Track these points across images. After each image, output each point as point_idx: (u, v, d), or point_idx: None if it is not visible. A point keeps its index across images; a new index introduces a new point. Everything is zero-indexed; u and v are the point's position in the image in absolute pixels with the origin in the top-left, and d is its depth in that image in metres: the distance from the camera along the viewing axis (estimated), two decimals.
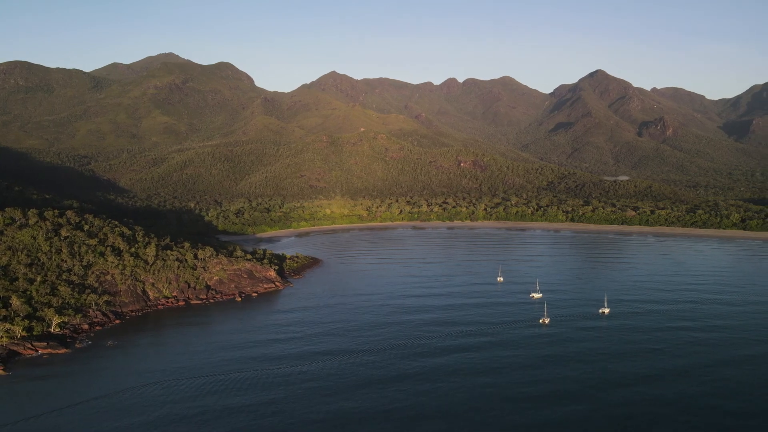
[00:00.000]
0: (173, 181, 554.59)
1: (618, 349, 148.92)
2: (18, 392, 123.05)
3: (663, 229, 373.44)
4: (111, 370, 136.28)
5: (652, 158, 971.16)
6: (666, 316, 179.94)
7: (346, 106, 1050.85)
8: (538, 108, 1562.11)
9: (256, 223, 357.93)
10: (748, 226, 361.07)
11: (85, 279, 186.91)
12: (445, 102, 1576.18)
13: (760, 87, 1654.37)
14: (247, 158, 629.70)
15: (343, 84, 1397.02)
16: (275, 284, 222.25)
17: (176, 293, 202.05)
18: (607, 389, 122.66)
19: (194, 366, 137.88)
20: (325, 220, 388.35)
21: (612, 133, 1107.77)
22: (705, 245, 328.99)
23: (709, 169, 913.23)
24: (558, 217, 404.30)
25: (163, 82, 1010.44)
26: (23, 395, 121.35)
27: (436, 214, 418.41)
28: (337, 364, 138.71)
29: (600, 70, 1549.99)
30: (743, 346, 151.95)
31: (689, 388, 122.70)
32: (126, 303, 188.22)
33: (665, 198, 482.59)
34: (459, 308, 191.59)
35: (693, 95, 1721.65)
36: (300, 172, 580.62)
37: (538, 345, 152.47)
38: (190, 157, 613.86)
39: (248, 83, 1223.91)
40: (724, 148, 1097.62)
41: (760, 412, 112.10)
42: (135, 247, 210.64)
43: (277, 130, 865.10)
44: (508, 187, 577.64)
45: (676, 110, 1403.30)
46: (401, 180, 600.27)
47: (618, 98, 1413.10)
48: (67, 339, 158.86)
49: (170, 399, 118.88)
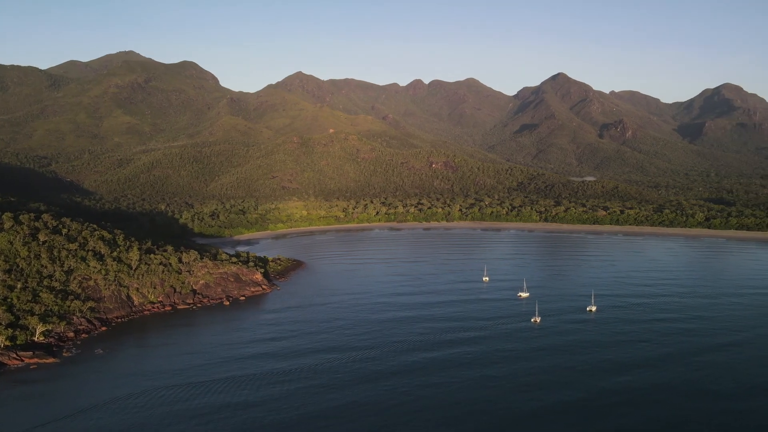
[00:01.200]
0: (141, 182, 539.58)
1: (609, 341, 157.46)
2: (8, 405, 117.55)
3: (632, 228, 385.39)
4: (105, 378, 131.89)
5: (614, 159, 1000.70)
6: (649, 310, 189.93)
7: (314, 107, 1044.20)
8: (502, 110, 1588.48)
9: (232, 226, 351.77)
10: (712, 224, 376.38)
11: (67, 285, 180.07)
12: (411, 103, 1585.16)
13: (711, 91, 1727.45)
14: (216, 159, 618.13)
15: (309, 84, 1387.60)
16: (262, 287, 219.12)
17: (162, 298, 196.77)
18: (605, 377, 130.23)
19: (192, 370, 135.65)
20: (302, 222, 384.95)
21: (575, 135, 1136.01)
22: (674, 243, 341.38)
23: (667, 170, 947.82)
24: (532, 217, 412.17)
25: (125, 81, 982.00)
26: (14, 408, 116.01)
27: (413, 215, 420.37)
28: (341, 361, 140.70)
29: (561, 73, 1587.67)
30: (723, 334, 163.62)
31: (679, 373, 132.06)
32: (111, 309, 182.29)
33: (631, 198, 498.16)
34: (449, 307, 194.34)
35: (649, 98, 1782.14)
36: (272, 173, 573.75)
37: (532, 341, 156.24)
38: (157, 158, 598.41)
39: (213, 83, 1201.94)
40: (679, 150, 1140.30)
41: (745, 391, 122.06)
42: (117, 251, 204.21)
43: (245, 130, 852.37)
44: (479, 187, 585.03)
45: (633, 113, 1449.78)
46: (374, 181, 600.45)
47: (579, 101, 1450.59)
48: (53, 348, 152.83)
49: (171, 404, 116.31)
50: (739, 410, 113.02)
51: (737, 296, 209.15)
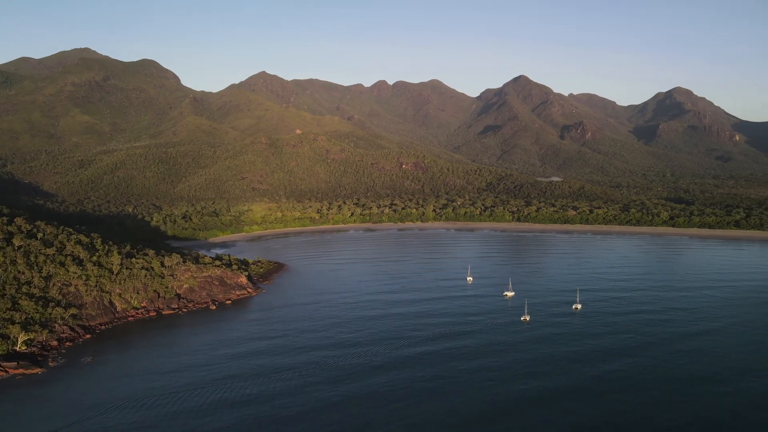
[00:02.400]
0: (104, 184, 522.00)
1: (597, 332, 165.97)
2: (2, 419, 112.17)
3: (602, 227, 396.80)
4: (97, 387, 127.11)
5: (575, 160, 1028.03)
6: (629, 303, 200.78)
7: (279, 107, 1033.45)
8: (465, 111, 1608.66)
9: (206, 228, 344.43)
10: (676, 223, 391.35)
11: (46, 291, 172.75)
12: (376, 104, 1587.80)
13: (663, 95, 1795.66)
14: (182, 160, 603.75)
15: (273, 84, 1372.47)
16: (247, 290, 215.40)
17: (145, 303, 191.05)
18: (596, 365, 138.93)
19: (189, 373, 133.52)
20: (277, 224, 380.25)
21: (537, 136, 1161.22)
22: (642, 241, 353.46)
23: (626, 171, 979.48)
24: (505, 217, 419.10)
25: (82, 79, 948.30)
26: (5, 423, 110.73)
27: (388, 216, 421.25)
28: (344, 357, 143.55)
29: (523, 76, 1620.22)
30: (700, 323, 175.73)
31: (662, 359, 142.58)
32: (93, 316, 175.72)
33: (597, 198, 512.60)
34: (437, 304, 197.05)
35: (605, 101, 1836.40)
36: (241, 174, 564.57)
37: (525, 335, 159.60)
38: (120, 158, 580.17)
39: (174, 82, 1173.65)
40: (636, 151, 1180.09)
41: (722, 374, 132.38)
42: (96, 255, 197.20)
43: (210, 130, 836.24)
44: (449, 188, 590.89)
45: (592, 115, 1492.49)
46: (344, 182, 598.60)
47: (540, 103, 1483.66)
48: (37, 357, 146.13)
49: (175, 410, 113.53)
50: (718, 392, 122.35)
51: (709, 289, 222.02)
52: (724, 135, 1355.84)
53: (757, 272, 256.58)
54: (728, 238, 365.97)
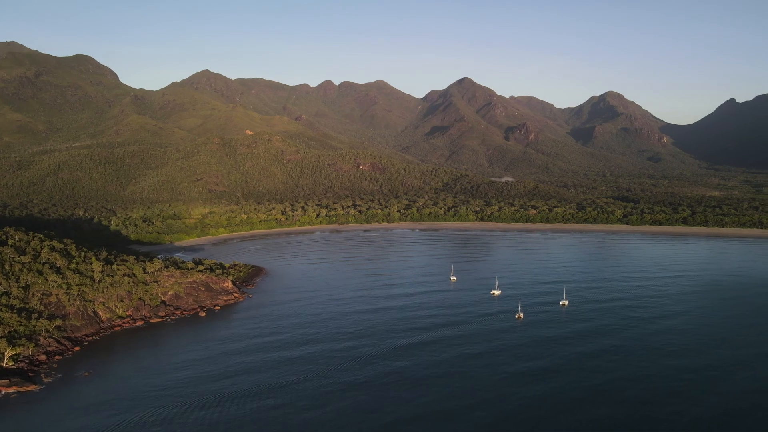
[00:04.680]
0: (47, 186, 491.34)
1: (588, 326, 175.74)
2: None
3: (561, 226, 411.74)
4: (106, 402, 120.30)
5: (521, 161, 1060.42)
6: (608, 294, 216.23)
7: (226, 107, 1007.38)
8: (411, 112, 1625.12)
9: (171, 231, 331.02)
10: (629, 220, 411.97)
11: (26, 302, 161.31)
12: (323, 104, 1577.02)
13: (597, 98, 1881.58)
14: (130, 161, 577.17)
15: (217, 83, 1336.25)
16: (234, 296, 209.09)
17: (131, 312, 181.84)
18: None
19: (198, 383, 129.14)
20: (243, 226, 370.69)
21: (484, 137, 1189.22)
22: (601, 238, 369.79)
23: (568, 171, 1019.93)
24: (469, 217, 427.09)
25: (11, 75, 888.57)
26: None
27: (353, 217, 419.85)
28: (351, 348, 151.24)
29: (467, 78, 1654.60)
30: (673, 304, 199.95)
31: (640, 338, 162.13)
32: (78, 327, 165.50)
33: (551, 197, 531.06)
34: (426, 304, 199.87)
35: (544, 104, 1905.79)
36: (195, 175, 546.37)
37: (522, 331, 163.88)
38: (62, 159, 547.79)
39: (112, 79, 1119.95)
40: (575, 152, 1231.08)
41: (691, 349, 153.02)
42: (74, 262, 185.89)
43: (155, 130, 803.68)
44: (407, 188, 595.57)
45: (533, 117, 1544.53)
46: (302, 183, 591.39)
47: (484, 104, 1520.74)
48: (29, 373, 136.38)
49: (204, 418, 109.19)
50: (686, 366, 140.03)
51: (673, 277, 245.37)
52: (654, 137, 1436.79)
53: (710, 263, 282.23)
54: (677, 234, 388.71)
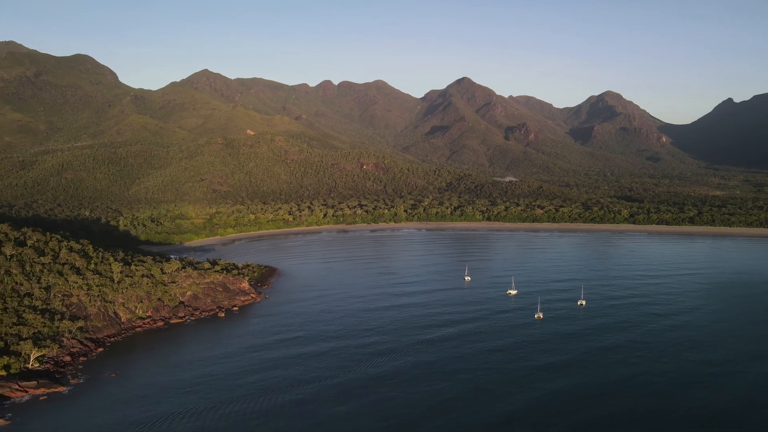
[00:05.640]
0: (51, 186, 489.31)
1: (606, 322, 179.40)
2: None
3: (568, 225, 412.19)
4: (137, 398, 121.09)
5: (522, 160, 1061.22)
6: (623, 292, 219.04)
7: (227, 107, 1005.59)
8: (411, 111, 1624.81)
9: (180, 232, 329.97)
10: (636, 220, 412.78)
11: (48, 303, 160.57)
12: (322, 104, 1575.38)
13: (596, 98, 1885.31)
14: (133, 161, 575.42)
15: (217, 83, 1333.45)
16: (251, 296, 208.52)
17: (150, 313, 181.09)
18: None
19: (236, 378, 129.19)
20: (251, 226, 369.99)
21: (484, 137, 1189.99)
22: (609, 238, 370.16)
23: (569, 170, 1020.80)
24: (475, 217, 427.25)
25: (11, 75, 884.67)
26: None
27: (360, 217, 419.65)
28: (375, 343, 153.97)
29: (466, 78, 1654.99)
30: (687, 301, 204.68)
31: (656, 334, 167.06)
32: (99, 328, 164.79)
33: (556, 197, 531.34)
34: (443, 305, 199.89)
35: (543, 103, 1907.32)
36: (199, 175, 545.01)
37: (544, 328, 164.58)
38: (65, 159, 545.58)
39: (112, 79, 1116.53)
40: (575, 152, 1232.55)
41: (705, 344, 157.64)
42: (93, 263, 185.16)
43: (156, 130, 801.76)
44: (411, 188, 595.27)
45: (532, 117, 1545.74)
46: (306, 183, 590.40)
47: (484, 104, 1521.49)
48: (55, 375, 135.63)
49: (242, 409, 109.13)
50: (706, 360, 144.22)
51: (686, 275, 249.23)
52: (653, 137, 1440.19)
53: (719, 261, 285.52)
54: (683, 233, 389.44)
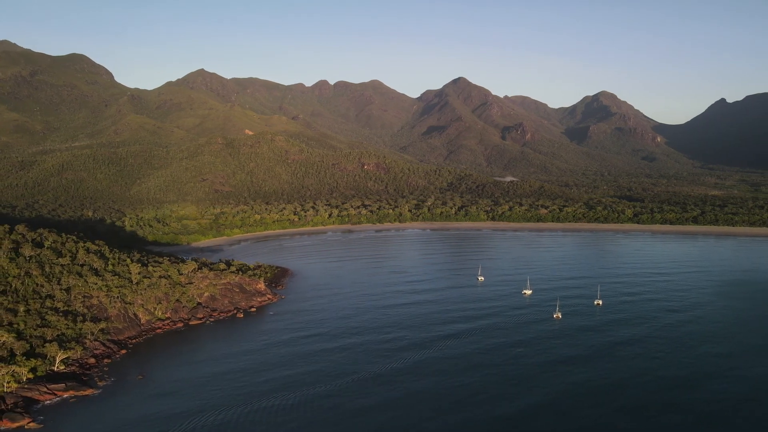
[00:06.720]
0: (52, 187, 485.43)
1: (619, 311, 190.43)
2: None
3: (572, 225, 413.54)
4: (169, 393, 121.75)
5: (519, 160, 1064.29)
6: (637, 289, 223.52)
7: (224, 106, 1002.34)
8: (407, 111, 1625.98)
9: (188, 232, 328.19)
10: (640, 220, 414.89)
11: (69, 305, 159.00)
12: (318, 104, 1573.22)
13: (591, 98, 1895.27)
14: (133, 161, 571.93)
15: (213, 83, 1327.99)
16: (268, 297, 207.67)
17: (169, 314, 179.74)
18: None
19: (255, 376, 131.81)
20: (257, 226, 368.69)
21: (481, 137, 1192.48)
22: (614, 237, 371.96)
23: (567, 170, 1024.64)
24: (480, 217, 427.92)
25: (7, 74, 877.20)
26: None
27: (366, 217, 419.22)
28: (397, 339, 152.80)
29: (462, 78, 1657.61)
30: (698, 297, 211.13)
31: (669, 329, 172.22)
32: (120, 329, 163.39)
33: (557, 197, 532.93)
34: (459, 304, 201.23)
35: (538, 103, 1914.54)
36: (200, 175, 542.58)
37: (572, 335, 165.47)
38: (65, 159, 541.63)
39: (108, 78, 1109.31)
40: (571, 152, 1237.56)
41: (723, 335, 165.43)
42: (111, 264, 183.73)
43: (154, 130, 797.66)
44: (412, 188, 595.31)
45: (528, 117, 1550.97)
46: (307, 183, 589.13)
47: (480, 104, 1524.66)
48: (81, 377, 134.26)
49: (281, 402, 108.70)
50: (722, 352, 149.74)
51: (693, 273, 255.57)
52: (647, 137, 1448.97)
53: (724, 260, 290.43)
54: (687, 233, 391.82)
